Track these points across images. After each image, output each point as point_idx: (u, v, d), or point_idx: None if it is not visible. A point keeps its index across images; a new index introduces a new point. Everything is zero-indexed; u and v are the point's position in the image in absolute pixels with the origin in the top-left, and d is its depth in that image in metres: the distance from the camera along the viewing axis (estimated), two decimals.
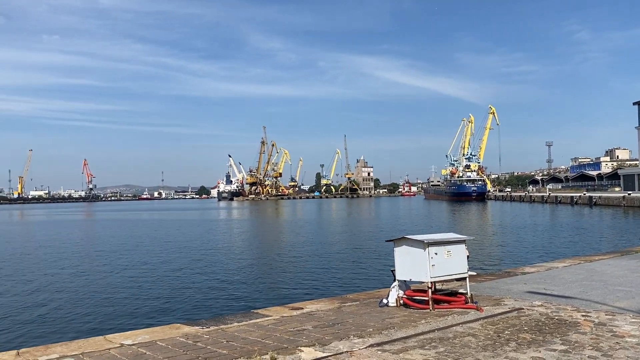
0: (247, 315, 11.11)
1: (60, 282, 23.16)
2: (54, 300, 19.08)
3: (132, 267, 27.58)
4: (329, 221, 71.38)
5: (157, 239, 45.66)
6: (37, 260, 31.47)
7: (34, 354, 8.56)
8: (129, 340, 9.10)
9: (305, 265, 26.95)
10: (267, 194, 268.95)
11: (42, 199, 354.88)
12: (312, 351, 7.71)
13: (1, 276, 25.27)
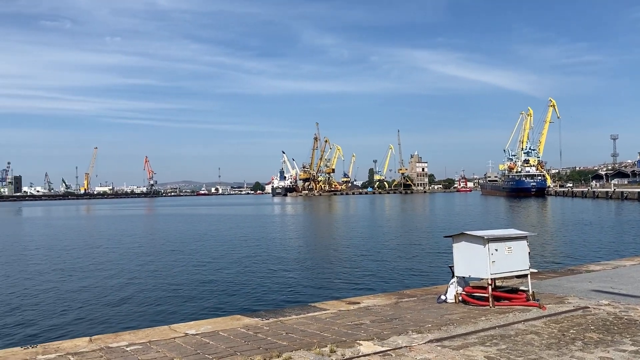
0: (305, 309, 11.27)
1: (128, 273, 24.23)
2: (123, 290, 20.00)
3: (193, 260, 28.47)
4: (383, 217, 71.01)
5: (216, 233, 46.87)
6: (105, 253, 33.02)
7: (105, 340, 9.04)
8: (193, 330, 9.45)
9: (360, 260, 26.98)
10: (320, 189, 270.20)
11: (106, 194, 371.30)
12: (371, 345, 7.76)
13: (74, 268, 26.68)
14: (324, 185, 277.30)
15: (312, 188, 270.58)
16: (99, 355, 7.97)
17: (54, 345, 8.87)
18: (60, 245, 38.29)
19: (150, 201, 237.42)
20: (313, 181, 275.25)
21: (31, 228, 61.99)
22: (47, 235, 48.90)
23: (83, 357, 7.90)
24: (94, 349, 8.39)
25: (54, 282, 22.26)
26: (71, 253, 33.24)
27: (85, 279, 22.99)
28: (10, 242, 43.06)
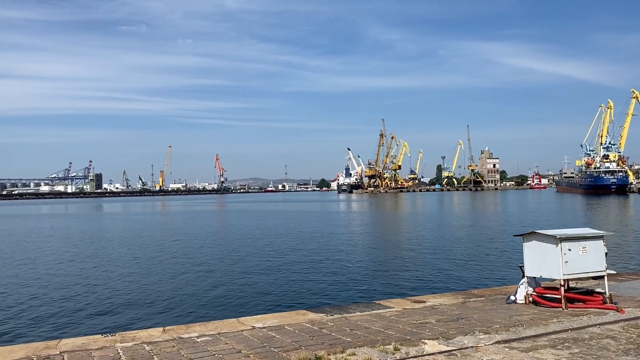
0: (370, 306, 11.29)
1: (199, 266, 25.15)
2: (195, 283, 20.79)
3: (261, 254, 29.12)
4: (450, 214, 69.51)
5: (283, 229, 47.67)
6: (179, 247, 34.43)
7: (177, 331, 9.46)
8: (260, 324, 9.71)
9: (427, 258, 26.59)
10: (386, 186, 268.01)
11: (179, 191, 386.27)
12: (436, 344, 7.67)
13: (150, 261, 28.02)
14: (390, 182, 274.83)
15: (377, 185, 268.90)
16: (172, 345, 8.36)
17: (130, 334, 9.40)
18: (138, 240, 40.30)
19: (221, 198, 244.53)
20: (379, 178, 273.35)
21: (111, 223, 65.62)
22: (126, 230, 51.58)
23: (157, 346, 8.32)
24: (167, 339, 8.81)
25: (131, 274, 23.48)
26: (147, 247, 34.91)
27: (159, 271, 24.08)
28: (91, 236, 45.79)
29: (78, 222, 67.93)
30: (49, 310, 16.55)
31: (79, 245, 36.95)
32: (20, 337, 13.48)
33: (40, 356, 7.96)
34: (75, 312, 16.26)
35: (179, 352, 7.85)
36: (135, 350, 8.11)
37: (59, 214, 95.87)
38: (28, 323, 14.96)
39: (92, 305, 17.12)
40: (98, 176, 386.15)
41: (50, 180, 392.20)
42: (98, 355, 7.89)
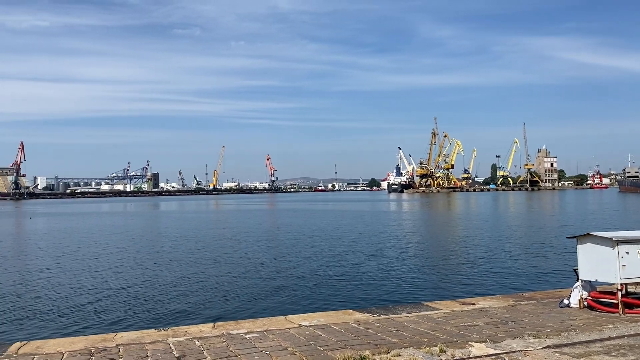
0: (417, 307, 11.21)
1: (249, 263, 25.62)
2: (244, 279, 21.20)
3: (309, 253, 29.35)
4: (505, 215, 67.69)
5: (332, 228, 47.82)
6: (231, 245, 35.19)
7: (227, 327, 9.71)
8: (306, 322, 9.83)
9: (478, 260, 26.05)
10: (438, 186, 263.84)
11: (232, 190, 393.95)
12: (483, 347, 7.54)
13: (204, 257, 28.79)
14: (442, 181, 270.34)
15: (429, 184, 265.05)
16: (221, 340, 8.59)
17: (182, 329, 9.73)
18: (193, 238, 41.45)
19: (272, 197, 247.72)
20: (431, 177, 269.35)
21: (167, 221, 67.77)
22: (181, 228, 53.15)
23: (207, 341, 8.58)
24: (217, 334, 9.07)
25: (184, 271, 24.19)
26: (201, 245, 35.85)
27: (212, 268, 24.69)
28: (149, 234, 47.45)
29: (136, 220, 70.55)
30: (107, 304, 17.32)
31: (137, 243, 38.38)
32: (80, 329, 14.18)
33: (98, 348, 8.37)
34: (130, 306, 16.94)
35: (228, 348, 8.07)
36: (186, 345, 8.40)
37: (118, 212, 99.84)
38: (87, 316, 15.71)
39: (146, 300, 17.78)
40: (155, 175, 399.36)
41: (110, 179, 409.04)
42: (151, 348, 8.22)
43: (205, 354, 7.76)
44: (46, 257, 30.31)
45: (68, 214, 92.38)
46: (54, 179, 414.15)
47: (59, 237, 44.66)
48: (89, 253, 32.07)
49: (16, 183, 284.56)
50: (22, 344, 8.95)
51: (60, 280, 22.23)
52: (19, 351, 8.38)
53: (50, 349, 8.50)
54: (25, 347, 8.72)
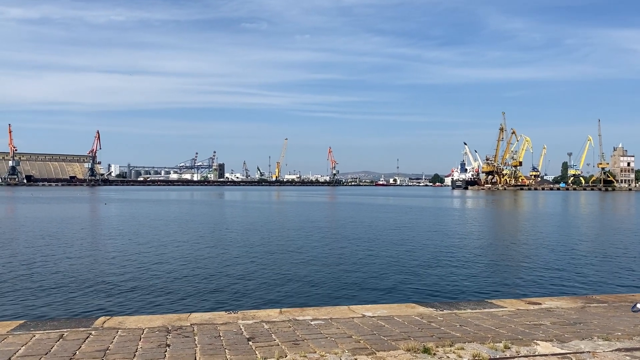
0: (481, 304, 11.17)
1: (312, 254, 26.08)
2: (307, 269, 21.66)
3: (370, 246, 29.49)
4: (575, 215, 64.92)
5: (394, 222, 47.68)
6: (292, 235, 35.91)
7: (293, 313, 10.09)
8: (370, 313, 10.04)
9: (544, 260, 25.28)
10: (504, 184, 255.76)
11: (294, 182, 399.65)
12: (549, 346, 7.49)
13: (269, 247, 29.59)
14: (509, 179, 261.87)
15: (495, 182, 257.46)
16: (288, 325, 8.97)
17: (251, 313, 10.20)
18: (258, 226, 42.57)
19: (332, 189, 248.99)
20: (497, 174, 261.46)
21: (233, 210, 69.84)
22: (247, 217, 54.64)
23: (274, 325, 8.98)
24: (283, 319, 9.46)
25: (251, 257, 24.98)
26: (265, 234, 36.78)
27: (277, 257, 25.35)
28: (217, 221, 49.12)
29: (204, 208, 73.12)
30: (180, 285, 18.27)
31: (207, 229, 39.89)
32: (157, 307, 15.07)
33: (174, 326, 8.95)
34: (201, 289, 17.79)
35: (295, 333, 8.42)
36: (255, 327, 8.83)
37: (186, 200, 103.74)
38: (162, 295, 16.64)
39: (216, 284, 18.59)
40: (221, 166, 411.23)
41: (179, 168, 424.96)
42: (223, 329, 8.70)
43: (273, 337, 8.14)
44: (124, 241, 32.14)
45: (140, 201, 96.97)
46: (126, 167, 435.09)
47: (134, 222, 47.09)
48: (162, 238, 33.68)
49: (92, 170, 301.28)
50: (106, 318, 9.70)
51: (137, 261, 23.57)
52: (104, 325, 9.10)
53: (131, 324, 9.17)
54: (109, 321, 9.45)
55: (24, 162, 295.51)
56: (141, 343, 7.84)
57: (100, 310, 14.48)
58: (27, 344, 7.80)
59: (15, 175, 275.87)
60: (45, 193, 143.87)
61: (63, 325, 9.09)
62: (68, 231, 37.74)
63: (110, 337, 8.23)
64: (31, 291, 17.18)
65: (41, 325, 9.11)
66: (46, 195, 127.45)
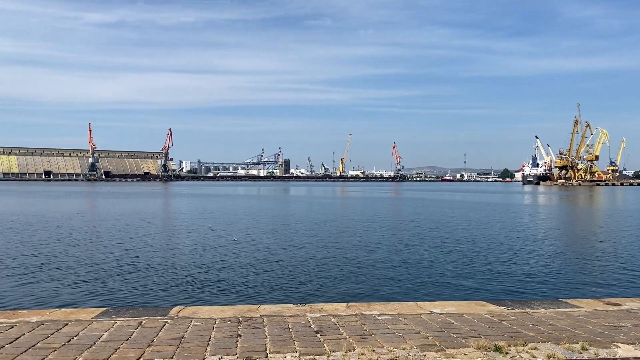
0: (555, 304, 10.75)
1: (377, 249, 26.01)
2: (374, 264, 21.63)
3: (439, 242, 29.00)
4: None
5: (462, 219, 46.62)
6: (361, 230, 35.94)
7: (359, 308, 10.13)
8: (438, 309, 9.91)
9: (623, 259, 23.90)
10: (579, 179, 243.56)
11: (358, 177, 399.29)
12: (632, 349, 7.11)
13: (335, 242, 29.79)
14: (584, 174, 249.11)
15: (569, 177, 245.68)
16: (355, 319, 9.02)
17: (318, 306, 10.33)
18: (323, 221, 42.91)
19: (397, 185, 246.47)
20: (571, 169, 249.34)
21: (298, 205, 70.74)
22: (313, 212, 55.19)
23: (342, 319, 9.05)
24: (350, 314, 9.52)
25: (316, 251, 25.25)
26: (331, 228, 37.02)
27: (342, 251, 25.48)
28: (284, 216, 49.95)
29: (271, 203, 74.52)
30: (249, 278, 18.76)
31: (274, 223, 40.67)
32: (227, 299, 15.57)
33: (245, 317, 9.22)
34: (270, 281, 18.19)
35: (362, 327, 8.46)
36: (322, 320, 8.94)
37: (253, 195, 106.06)
38: (232, 287, 17.15)
39: (284, 277, 18.95)
40: (286, 162, 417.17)
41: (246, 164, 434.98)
42: (292, 321, 8.88)
43: (341, 331, 8.22)
44: (196, 234, 33.37)
45: (209, 196, 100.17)
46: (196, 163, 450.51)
47: (205, 216, 48.76)
48: (232, 231, 34.67)
49: (165, 166, 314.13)
50: (181, 308, 10.13)
51: (209, 254, 24.42)
52: (179, 314, 9.52)
53: (204, 314, 9.54)
54: (183, 311, 9.87)
55: (103, 159, 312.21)
56: (214, 332, 8.14)
57: (174, 300, 15.14)
58: (109, 330, 8.29)
59: (94, 172, 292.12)
60: (122, 188, 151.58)
61: (141, 314, 9.59)
62: (145, 224, 39.62)
63: (185, 326, 8.60)
64: (112, 280, 18.21)
65: (121, 313, 9.66)
66: (123, 190, 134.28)
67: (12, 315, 9.58)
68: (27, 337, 7.86)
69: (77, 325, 8.58)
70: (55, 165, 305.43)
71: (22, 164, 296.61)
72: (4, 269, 20.36)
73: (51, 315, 9.46)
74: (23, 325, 8.57)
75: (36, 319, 9.06)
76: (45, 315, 9.40)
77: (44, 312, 9.76)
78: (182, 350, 7.19)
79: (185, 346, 7.39)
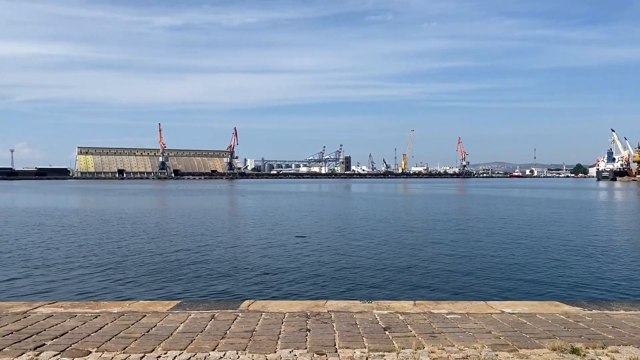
0: (637, 305, 10.20)
1: (443, 246, 25.60)
2: (441, 261, 21.31)
3: (504, 240, 28.15)
4: None
5: (532, 215, 45.00)
6: (426, 227, 35.50)
7: (427, 306, 10.02)
8: (509, 309, 9.64)
9: None
10: None
11: (421, 174, 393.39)
12: None
13: (402, 239, 29.60)
14: None
15: None
16: (423, 318, 8.94)
17: (384, 303, 10.31)
18: (384, 218, 42.70)
19: (462, 182, 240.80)
20: None
21: (360, 202, 70.72)
22: (375, 208, 55.05)
23: (409, 317, 8.99)
24: (418, 312, 9.44)
25: (380, 248, 25.17)
26: (396, 225, 36.78)
27: (407, 248, 25.26)
28: (347, 213, 50.11)
29: (333, 200, 74.95)
30: (315, 273, 19.03)
31: (338, 220, 40.89)
32: (293, 293, 15.85)
33: (312, 312, 9.35)
34: (335, 277, 18.36)
35: (431, 325, 8.37)
36: (390, 318, 8.92)
37: (314, 192, 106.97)
38: (298, 282, 17.45)
39: (348, 273, 19.06)
40: (347, 159, 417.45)
41: (308, 162, 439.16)
42: (359, 317, 8.92)
43: (409, 328, 8.17)
44: (263, 230, 34.12)
45: (274, 193, 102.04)
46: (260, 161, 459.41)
47: (272, 213, 49.73)
48: (297, 228, 35.19)
49: (230, 164, 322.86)
50: (251, 302, 10.41)
51: (276, 249, 24.94)
52: (249, 308, 9.79)
53: (273, 308, 9.76)
54: (253, 304, 10.13)
55: (172, 158, 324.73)
56: (283, 326, 8.32)
57: (243, 294, 15.58)
58: (184, 322, 8.66)
59: (164, 170, 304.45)
60: (191, 186, 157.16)
61: (213, 307, 9.93)
62: (213, 221, 40.95)
63: (255, 319, 8.83)
64: (184, 275, 18.98)
65: (195, 306, 10.05)
66: (191, 187, 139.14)
67: (95, 305, 10.19)
68: (110, 326, 8.35)
69: (154, 317, 9.01)
70: (128, 164, 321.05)
71: (98, 163, 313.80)
72: (88, 263, 21.67)
73: (130, 306, 9.98)
74: (106, 316, 9.10)
75: (117, 310, 9.59)
76: (125, 307, 9.93)
77: (124, 304, 10.31)
78: (254, 343, 7.40)
79: (256, 339, 7.60)
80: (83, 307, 9.98)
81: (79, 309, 9.74)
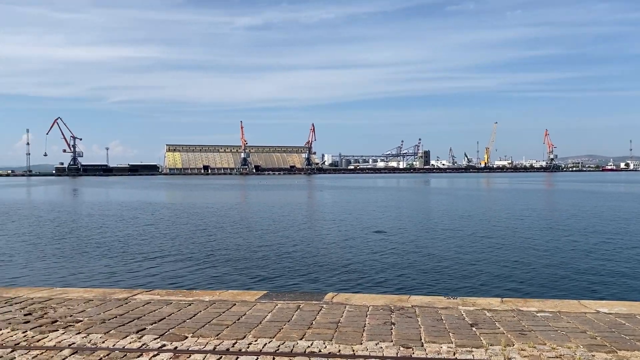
0: None
1: (533, 243, 24.61)
2: (528, 259, 20.52)
3: (596, 236, 26.59)
4: None
5: (624, 211, 42.13)
6: (514, 223, 34.28)
7: (515, 303, 9.72)
8: (605, 309, 9.16)
9: None
10: None
11: (505, 168, 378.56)
12: None
13: (483, 235, 28.80)
14: None
15: None
16: (512, 315, 8.69)
17: (470, 300, 10.12)
18: (466, 214, 41.62)
19: (549, 176, 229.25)
20: None
21: (442, 197, 69.35)
22: (456, 204, 53.79)
23: (497, 314, 8.78)
24: (506, 309, 9.18)
25: (467, 244, 24.61)
26: (477, 221, 35.77)
27: (494, 245, 24.53)
28: (427, 208, 49.38)
29: (412, 195, 74.07)
30: (397, 267, 18.99)
31: (418, 216, 40.43)
32: (376, 287, 15.91)
33: (396, 306, 9.36)
34: (418, 272, 18.23)
35: (520, 323, 8.14)
36: (476, 314, 8.75)
37: (392, 187, 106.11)
38: (381, 276, 17.48)
39: (432, 269, 18.86)
40: (426, 153, 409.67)
41: (385, 156, 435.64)
42: (444, 313, 8.83)
43: (497, 325, 7.99)
44: (344, 224, 34.42)
45: (351, 188, 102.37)
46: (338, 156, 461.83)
47: (350, 207, 50.05)
48: (377, 223, 35.18)
49: (308, 160, 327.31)
50: (334, 294, 10.59)
51: (357, 243, 25.14)
52: (333, 300, 9.96)
53: (357, 301, 9.87)
54: (337, 297, 10.30)
55: (253, 154, 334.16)
56: (368, 319, 8.40)
57: (326, 286, 15.84)
58: (272, 311, 8.97)
59: (246, 166, 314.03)
60: (271, 181, 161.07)
61: (299, 298, 10.21)
62: (295, 215, 41.88)
63: (340, 311, 8.98)
64: (270, 266, 19.60)
65: (281, 296, 10.37)
66: (272, 183, 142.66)
67: (188, 294, 10.78)
68: (203, 314, 8.82)
69: (243, 306, 9.41)
70: (212, 161, 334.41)
71: (185, 160, 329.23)
72: (180, 254, 22.92)
73: (221, 295, 10.47)
74: (198, 304, 9.62)
75: (208, 299, 10.10)
76: (216, 296, 10.43)
77: (215, 293, 10.83)
78: (340, 334, 7.54)
79: (342, 330, 7.75)
80: (177, 295, 10.60)
81: (174, 296, 10.36)
